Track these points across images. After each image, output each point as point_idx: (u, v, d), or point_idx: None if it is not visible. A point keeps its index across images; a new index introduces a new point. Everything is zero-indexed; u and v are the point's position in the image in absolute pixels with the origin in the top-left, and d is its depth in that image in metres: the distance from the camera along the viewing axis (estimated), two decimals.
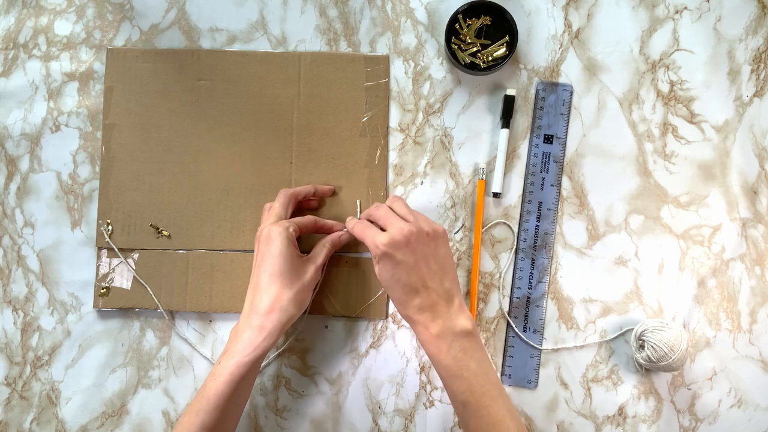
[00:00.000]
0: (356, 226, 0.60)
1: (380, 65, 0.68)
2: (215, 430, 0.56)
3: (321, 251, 0.63)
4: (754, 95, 0.68)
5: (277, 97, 0.68)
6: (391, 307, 0.67)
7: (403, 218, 0.58)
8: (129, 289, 0.67)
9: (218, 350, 0.67)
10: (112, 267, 0.67)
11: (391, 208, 0.59)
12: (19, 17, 0.70)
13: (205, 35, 0.70)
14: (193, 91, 0.69)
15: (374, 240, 0.56)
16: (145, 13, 0.70)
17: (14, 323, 0.68)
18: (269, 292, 0.58)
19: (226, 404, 0.56)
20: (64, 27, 0.70)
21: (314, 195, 0.67)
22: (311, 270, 0.61)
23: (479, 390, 0.55)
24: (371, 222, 0.60)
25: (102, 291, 0.67)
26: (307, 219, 0.64)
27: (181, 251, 0.68)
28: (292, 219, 0.62)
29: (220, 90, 0.68)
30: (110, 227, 0.67)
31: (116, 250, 0.67)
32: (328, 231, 0.65)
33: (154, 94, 0.69)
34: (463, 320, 0.56)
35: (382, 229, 0.58)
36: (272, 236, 0.59)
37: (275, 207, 0.63)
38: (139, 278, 0.67)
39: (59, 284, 0.68)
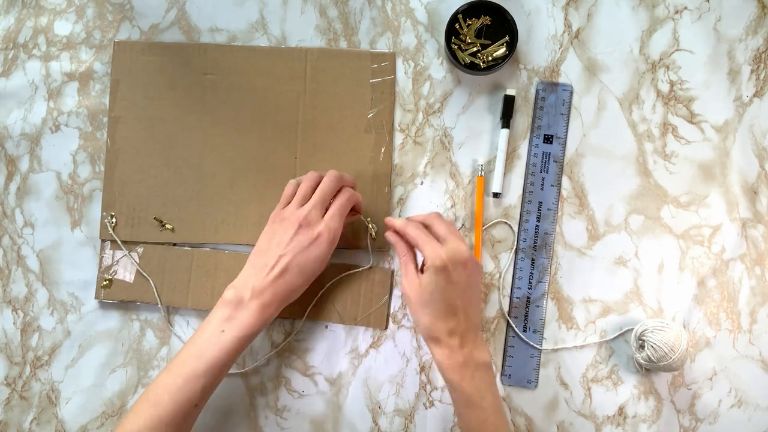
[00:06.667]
0: (413, 231, 0.58)
1: (386, 62, 0.68)
2: (211, 390, 0.57)
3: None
4: (754, 95, 0.68)
5: (282, 92, 0.69)
6: (392, 308, 0.67)
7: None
8: (131, 282, 0.67)
9: None
10: (115, 259, 0.68)
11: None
12: (19, 17, 0.70)
13: (205, 35, 0.70)
14: (199, 85, 0.69)
15: (436, 250, 0.56)
16: (145, 13, 0.70)
17: (14, 323, 0.68)
18: (293, 284, 0.59)
19: (226, 370, 0.58)
20: (64, 27, 0.70)
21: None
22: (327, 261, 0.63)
23: (493, 423, 0.56)
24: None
25: (104, 283, 0.67)
26: (347, 202, 0.61)
27: (186, 248, 0.68)
28: (337, 211, 0.60)
29: (225, 84, 0.69)
30: (114, 219, 0.68)
31: (119, 242, 0.67)
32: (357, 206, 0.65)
33: (160, 87, 0.69)
34: (485, 352, 0.58)
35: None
36: (320, 238, 0.59)
37: (324, 189, 0.60)
38: (142, 271, 0.67)
39: (59, 284, 0.68)
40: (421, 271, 0.58)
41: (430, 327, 0.57)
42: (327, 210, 0.61)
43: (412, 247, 0.60)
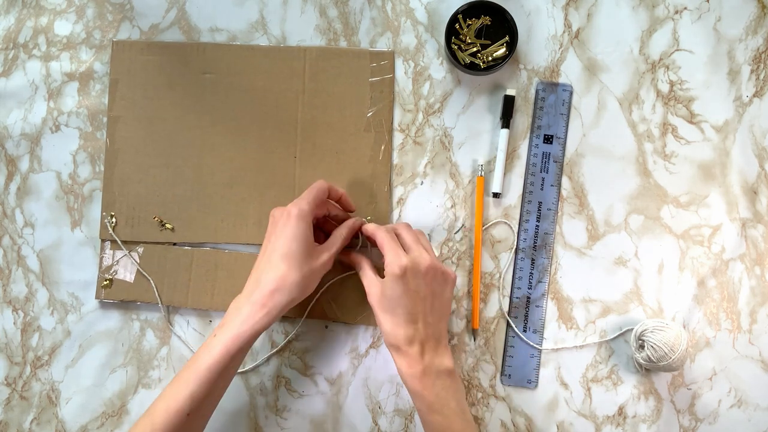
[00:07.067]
0: (381, 235, 0.59)
1: (385, 61, 0.69)
2: (203, 402, 0.55)
3: (337, 240, 0.62)
4: (754, 95, 0.68)
5: (281, 91, 0.69)
6: None
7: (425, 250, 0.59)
8: (132, 282, 0.67)
9: None
10: (115, 259, 0.68)
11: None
12: (19, 17, 0.70)
13: (205, 35, 0.70)
14: (198, 84, 0.69)
15: (397, 257, 0.57)
16: (145, 13, 0.70)
17: (14, 323, 0.68)
18: (276, 272, 0.57)
19: (217, 377, 0.55)
20: (64, 27, 0.70)
21: (339, 200, 0.64)
22: (324, 257, 0.60)
23: (458, 428, 0.56)
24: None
25: (105, 283, 0.67)
26: (319, 187, 0.60)
27: (186, 247, 0.68)
28: (307, 193, 0.60)
29: (224, 84, 0.69)
30: (114, 219, 0.68)
31: (119, 242, 0.67)
32: (336, 199, 0.64)
33: (159, 87, 0.69)
34: (447, 359, 0.58)
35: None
36: (290, 216, 0.58)
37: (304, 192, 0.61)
38: (142, 271, 0.67)
39: (59, 284, 0.68)
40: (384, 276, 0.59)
41: (390, 334, 0.57)
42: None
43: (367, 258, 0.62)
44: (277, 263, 0.57)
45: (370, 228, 0.61)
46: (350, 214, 0.66)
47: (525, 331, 0.67)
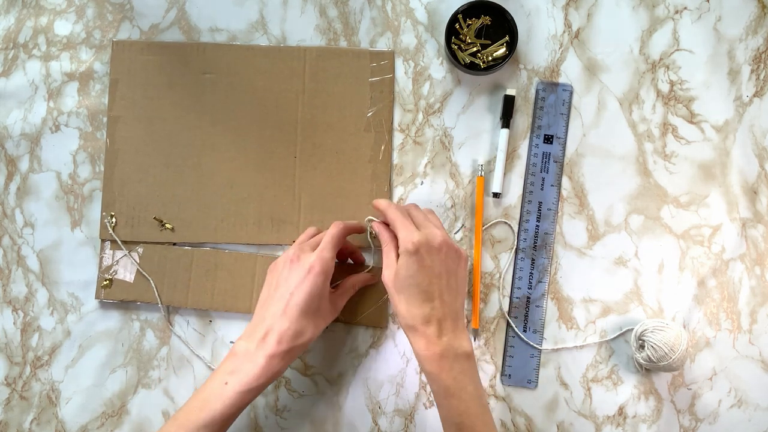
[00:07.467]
0: (393, 212, 0.58)
1: (385, 61, 0.69)
2: None
3: (351, 289, 0.64)
4: (754, 95, 0.68)
5: (281, 91, 0.69)
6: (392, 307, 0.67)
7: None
8: (132, 282, 0.67)
9: (218, 351, 0.67)
10: (115, 259, 0.68)
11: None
12: (19, 17, 0.70)
13: (205, 35, 0.70)
14: (198, 84, 0.69)
15: (409, 234, 0.56)
16: (145, 13, 0.70)
17: (14, 323, 0.68)
18: (296, 327, 0.56)
19: (230, 422, 0.56)
20: (64, 27, 0.70)
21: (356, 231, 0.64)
22: (338, 306, 0.62)
23: (474, 413, 0.55)
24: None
25: (105, 283, 0.67)
26: (338, 233, 0.61)
27: (186, 247, 0.68)
28: (328, 242, 0.59)
29: (224, 84, 0.69)
30: (114, 219, 0.68)
31: (119, 242, 0.67)
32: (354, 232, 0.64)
33: (159, 87, 0.69)
34: (466, 342, 0.56)
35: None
36: (311, 270, 0.57)
37: (310, 232, 0.63)
38: (142, 271, 0.67)
39: (59, 284, 0.68)
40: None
41: (406, 315, 0.56)
42: None
43: (396, 237, 0.60)
44: (298, 318, 0.57)
45: (383, 203, 0.60)
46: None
47: (525, 331, 0.67)
